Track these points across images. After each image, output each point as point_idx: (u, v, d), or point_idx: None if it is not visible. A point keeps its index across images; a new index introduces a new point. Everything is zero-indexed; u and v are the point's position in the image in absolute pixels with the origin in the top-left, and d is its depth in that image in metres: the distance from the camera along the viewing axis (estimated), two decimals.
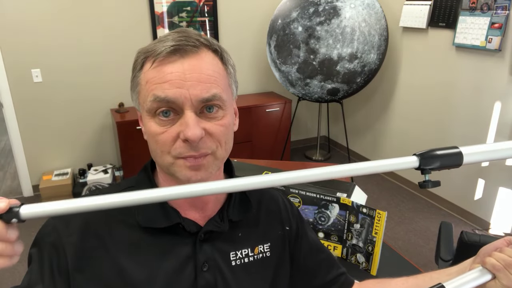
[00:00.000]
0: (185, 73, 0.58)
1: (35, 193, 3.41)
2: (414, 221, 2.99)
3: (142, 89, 0.62)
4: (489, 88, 2.70)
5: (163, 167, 0.64)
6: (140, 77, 0.62)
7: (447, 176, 3.12)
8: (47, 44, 3.12)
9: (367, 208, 1.18)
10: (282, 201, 0.83)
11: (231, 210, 0.72)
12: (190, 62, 0.59)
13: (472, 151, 0.51)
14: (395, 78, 3.53)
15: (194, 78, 0.59)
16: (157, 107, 0.59)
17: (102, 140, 3.55)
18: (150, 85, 0.60)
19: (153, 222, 0.66)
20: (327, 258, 0.85)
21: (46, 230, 0.66)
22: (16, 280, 2.39)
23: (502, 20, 2.50)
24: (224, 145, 0.63)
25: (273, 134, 3.77)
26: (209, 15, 3.60)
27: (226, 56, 0.67)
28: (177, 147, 0.59)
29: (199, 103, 0.59)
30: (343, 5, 2.94)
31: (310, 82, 3.14)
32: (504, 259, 0.62)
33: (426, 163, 0.48)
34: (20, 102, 3.17)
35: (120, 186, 0.71)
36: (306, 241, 0.82)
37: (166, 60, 0.59)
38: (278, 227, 0.79)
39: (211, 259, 0.68)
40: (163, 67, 0.59)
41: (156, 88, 0.59)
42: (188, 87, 0.58)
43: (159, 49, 0.60)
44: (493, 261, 0.62)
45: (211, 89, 0.60)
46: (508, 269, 0.61)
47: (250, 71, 3.95)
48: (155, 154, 0.63)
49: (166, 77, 0.58)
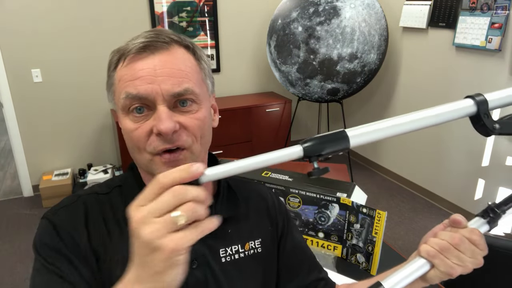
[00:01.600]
0: (156, 68, 0.59)
1: (35, 193, 3.41)
2: (414, 221, 2.99)
3: (116, 88, 0.63)
4: (489, 88, 2.70)
5: (142, 165, 0.64)
6: (114, 76, 0.63)
7: (447, 176, 3.12)
8: (47, 44, 3.12)
9: (367, 208, 1.18)
10: (271, 198, 0.83)
11: (219, 206, 0.72)
12: (160, 58, 0.60)
13: (358, 132, 0.48)
14: (395, 78, 3.53)
15: (165, 73, 0.59)
16: (129, 104, 0.60)
17: (102, 140, 3.55)
18: (122, 82, 0.61)
19: None
20: (309, 261, 0.85)
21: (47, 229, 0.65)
22: (16, 280, 2.39)
23: (502, 20, 2.50)
24: (199, 140, 0.63)
25: (273, 134, 3.77)
26: (209, 15, 3.60)
27: (199, 52, 0.67)
28: (151, 142, 0.60)
29: (171, 97, 0.59)
30: (343, 5, 2.94)
31: (310, 82, 3.14)
32: (438, 243, 0.57)
33: (311, 151, 0.45)
34: (20, 102, 3.17)
35: (109, 186, 0.72)
36: (290, 240, 0.82)
37: (136, 57, 0.60)
38: (268, 223, 0.79)
39: (200, 256, 0.68)
40: (134, 64, 0.60)
41: (128, 85, 0.60)
42: (159, 82, 0.58)
43: (129, 47, 0.61)
44: (427, 248, 0.57)
45: (182, 83, 0.60)
46: (443, 254, 0.56)
47: (250, 71, 3.95)
48: (132, 152, 0.64)
49: (137, 73, 0.59)
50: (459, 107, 0.52)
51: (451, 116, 0.52)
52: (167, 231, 0.40)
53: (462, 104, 0.52)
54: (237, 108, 3.47)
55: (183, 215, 0.40)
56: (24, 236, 2.83)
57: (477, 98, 0.52)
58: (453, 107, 0.52)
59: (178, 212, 0.40)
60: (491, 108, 0.53)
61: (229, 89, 3.90)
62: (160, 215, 0.40)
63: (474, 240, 0.56)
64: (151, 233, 0.39)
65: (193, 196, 0.40)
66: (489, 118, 0.53)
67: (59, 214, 0.66)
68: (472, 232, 0.57)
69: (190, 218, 0.40)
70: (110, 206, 0.68)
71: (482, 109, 0.52)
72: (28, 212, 3.17)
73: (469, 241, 0.56)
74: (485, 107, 0.52)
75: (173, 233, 0.40)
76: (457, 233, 0.57)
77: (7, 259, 2.58)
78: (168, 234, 0.40)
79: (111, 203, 0.68)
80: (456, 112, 0.52)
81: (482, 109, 0.52)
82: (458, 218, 0.59)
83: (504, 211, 0.58)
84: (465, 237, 0.56)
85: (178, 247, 0.39)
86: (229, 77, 3.85)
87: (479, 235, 0.57)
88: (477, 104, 0.52)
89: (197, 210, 0.40)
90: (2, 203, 3.33)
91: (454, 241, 0.56)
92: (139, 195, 0.42)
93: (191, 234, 0.40)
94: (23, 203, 3.31)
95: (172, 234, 0.40)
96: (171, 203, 0.40)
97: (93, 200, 0.68)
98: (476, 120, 0.53)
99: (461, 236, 0.56)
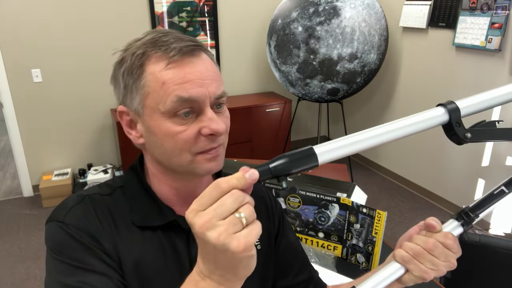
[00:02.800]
0: (202, 72, 0.61)
1: (35, 193, 3.41)
2: (414, 221, 2.98)
3: (156, 91, 0.60)
4: (489, 88, 2.69)
5: (177, 167, 0.64)
6: (147, 78, 0.61)
7: (447, 176, 3.12)
8: (47, 44, 3.12)
9: (367, 208, 1.18)
10: (268, 197, 0.84)
11: None
12: (202, 62, 0.62)
13: (326, 148, 0.47)
14: (395, 78, 3.53)
15: (210, 77, 0.61)
16: (179, 107, 0.60)
17: (102, 140, 3.55)
18: (169, 85, 0.59)
19: (148, 220, 0.67)
20: (301, 261, 0.86)
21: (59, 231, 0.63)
22: (16, 280, 2.39)
23: (502, 20, 2.50)
24: (227, 136, 0.67)
25: (273, 134, 3.77)
26: (209, 15, 3.60)
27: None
28: (198, 142, 0.61)
29: (215, 100, 0.62)
30: (343, 5, 2.94)
31: (310, 82, 3.14)
32: (412, 248, 0.57)
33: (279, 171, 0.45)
34: (20, 102, 3.17)
35: (111, 187, 0.71)
36: (284, 239, 0.83)
37: (182, 60, 0.60)
38: (266, 220, 0.80)
39: None
40: (182, 67, 0.60)
41: (177, 88, 0.59)
42: (207, 85, 0.61)
43: (169, 50, 0.60)
44: (402, 253, 0.58)
45: (220, 86, 0.63)
46: (417, 259, 0.56)
47: (250, 71, 3.95)
48: (171, 155, 0.63)
49: (187, 77, 0.60)
50: (431, 116, 0.51)
51: (423, 126, 0.51)
52: (234, 232, 0.42)
53: (434, 113, 0.51)
54: (237, 108, 3.47)
55: (245, 215, 0.43)
56: (24, 236, 2.83)
57: (449, 106, 0.51)
58: (425, 117, 0.51)
59: (242, 213, 0.43)
60: (464, 115, 0.52)
61: (229, 89, 3.89)
62: (225, 218, 0.42)
63: (447, 244, 0.57)
64: (220, 235, 0.42)
65: (249, 199, 0.45)
66: (460, 126, 0.52)
67: (69, 215, 0.64)
68: (446, 236, 0.57)
69: (250, 218, 0.44)
70: (115, 207, 0.67)
71: (454, 118, 0.51)
72: (28, 212, 3.17)
73: (443, 245, 0.57)
74: (457, 115, 0.51)
75: (239, 233, 0.42)
76: (431, 237, 0.57)
77: (7, 259, 2.58)
78: (236, 234, 0.42)
79: (115, 203, 0.68)
80: (428, 121, 0.51)
81: (454, 118, 0.51)
82: (432, 223, 0.59)
83: (477, 215, 0.58)
84: (439, 241, 0.57)
85: (249, 243, 0.42)
86: (229, 77, 3.85)
87: (452, 239, 0.57)
88: (448, 112, 0.51)
89: (253, 211, 0.44)
90: (2, 203, 3.33)
91: (427, 246, 0.57)
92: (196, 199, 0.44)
93: (256, 228, 0.44)
94: (23, 203, 3.31)
95: (238, 233, 0.42)
96: (233, 206, 0.43)
97: (98, 199, 0.68)
98: (448, 129, 0.52)
99: (435, 241, 0.57)
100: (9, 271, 2.48)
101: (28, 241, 2.76)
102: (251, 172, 0.44)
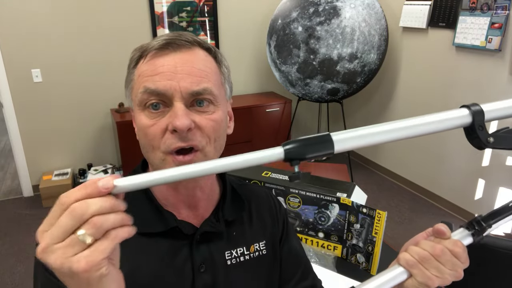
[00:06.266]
0: (176, 66, 0.59)
1: (35, 193, 3.41)
2: (414, 221, 2.99)
3: (135, 83, 0.63)
4: (489, 88, 2.70)
5: (154, 165, 0.63)
6: (134, 73, 0.63)
7: (447, 176, 3.12)
8: (47, 44, 3.12)
9: (367, 208, 1.18)
10: (272, 201, 0.83)
11: (225, 209, 0.72)
12: (182, 56, 0.61)
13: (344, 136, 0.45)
14: (395, 78, 3.53)
15: (185, 71, 0.59)
16: (147, 98, 0.60)
17: (102, 140, 3.55)
18: (142, 78, 0.61)
19: (150, 227, 0.65)
20: (303, 268, 0.84)
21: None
22: (16, 280, 2.39)
23: (502, 20, 2.50)
24: (213, 142, 0.62)
25: (273, 134, 3.77)
26: (209, 15, 3.60)
27: (220, 56, 0.68)
28: (165, 140, 0.59)
29: (189, 95, 0.59)
30: (343, 5, 2.94)
31: (310, 82, 3.14)
32: (418, 253, 0.55)
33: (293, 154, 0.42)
34: (20, 102, 3.16)
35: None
36: (287, 245, 0.81)
37: (158, 53, 0.60)
38: (270, 224, 0.79)
39: (208, 260, 0.67)
40: (155, 60, 0.60)
41: (147, 80, 0.60)
42: (179, 79, 0.59)
43: (152, 44, 0.61)
44: (407, 257, 0.55)
45: (201, 83, 0.60)
46: (423, 264, 0.54)
47: (250, 71, 3.95)
48: (146, 150, 0.63)
49: (158, 69, 0.59)
50: (454, 116, 0.49)
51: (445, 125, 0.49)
52: (73, 254, 0.38)
53: (457, 114, 0.49)
54: (237, 108, 3.46)
55: (86, 233, 0.38)
56: (24, 236, 2.83)
57: (473, 108, 0.49)
58: (448, 116, 0.49)
59: (82, 231, 0.38)
60: (488, 120, 0.50)
61: None
62: (62, 240, 0.38)
63: (456, 253, 0.54)
64: (57, 259, 0.38)
65: (95, 210, 0.38)
66: (483, 130, 0.49)
67: None
68: (455, 244, 0.55)
69: (96, 234, 0.38)
70: None
71: (477, 120, 0.49)
72: (28, 212, 3.17)
73: (451, 253, 0.54)
74: (481, 118, 0.49)
75: (80, 253, 0.38)
76: (439, 243, 0.55)
77: (7, 259, 2.58)
78: (75, 256, 0.38)
79: None
80: (451, 121, 0.49)
81: (478, 120, 0.49)
82: (442, 229, 0.56)
83: (490, 225, 0.55)
84: (448, 248, 0.54)
85: (92, 262, 0.38)
86: None
87: (461, 248, 0.55)
88: (472, 114, 0.49)
89: (103, 222, 0.38)
90: (2, 203, 3.33)
91: (435, 252, 0.54)
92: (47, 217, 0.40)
93: (101, 245, 0.38)
94: (23, 203, 3.31)
95: (79, 254, 0.38)
96: (69, 225, 0.38)
97: None
98: (470, 131, 0.50)
99: (443, 247, 0.54)
100: (9, 271, 2.48)
101: (28, 241, 2.76)
102: (106, 180, 0.39)
